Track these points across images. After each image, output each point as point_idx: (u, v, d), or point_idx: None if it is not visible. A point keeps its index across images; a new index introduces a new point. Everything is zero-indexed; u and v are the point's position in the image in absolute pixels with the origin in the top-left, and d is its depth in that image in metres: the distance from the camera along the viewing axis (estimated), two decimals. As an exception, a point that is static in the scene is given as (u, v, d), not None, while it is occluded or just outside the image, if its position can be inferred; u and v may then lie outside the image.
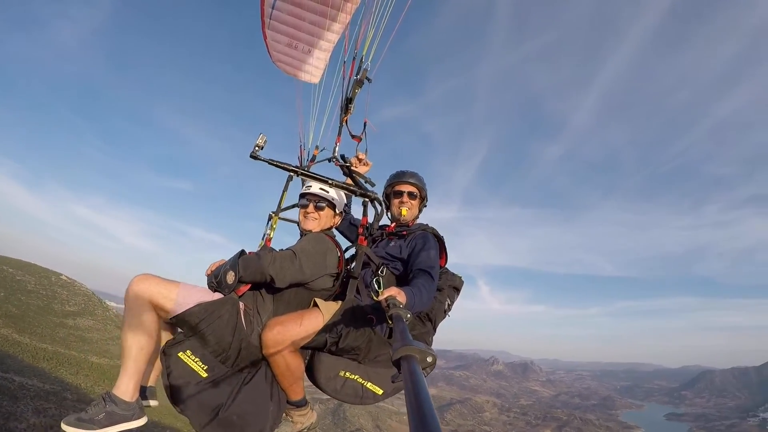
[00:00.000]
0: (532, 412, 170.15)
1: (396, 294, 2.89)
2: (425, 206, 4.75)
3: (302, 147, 5.19)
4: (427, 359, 1.59)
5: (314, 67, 5.74)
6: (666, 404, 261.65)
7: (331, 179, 4.02)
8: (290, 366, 3.56)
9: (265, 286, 3.73)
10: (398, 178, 4.61)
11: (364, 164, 4.84)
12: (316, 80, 5.76)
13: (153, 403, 3.81)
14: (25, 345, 18.31)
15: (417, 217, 4.67)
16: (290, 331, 3.50)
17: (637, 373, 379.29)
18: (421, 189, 4.62)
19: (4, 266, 30.63)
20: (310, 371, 3.81)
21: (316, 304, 3.76)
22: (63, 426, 3.08)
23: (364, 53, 4.56)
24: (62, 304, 30.16)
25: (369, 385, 3.75)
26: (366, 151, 4.81)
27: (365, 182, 4.13)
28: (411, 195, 4.56)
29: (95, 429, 3.11)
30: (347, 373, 3.70)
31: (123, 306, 3.49)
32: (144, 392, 3.71)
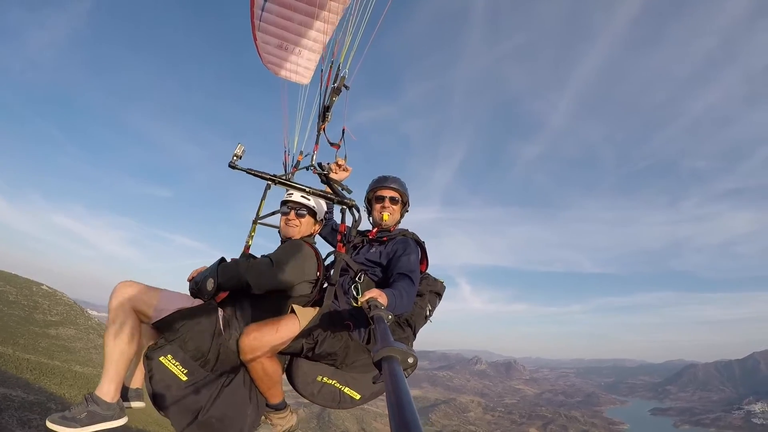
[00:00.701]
0: (517, 410, 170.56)
1: (377, 296, 2.92)
2: (407, 211, 4.76)
3: (287, 152, 5.13)
4: (408, 360, 1.62)
5: (304, 68, 5.79)
6: (650, 399, 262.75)
7: (309, 187, 4.14)
8: (267, 371, 3.65)
9: (243, 292, 3.77)
10: (380, 183, 4.62)
11: (344, 170, 4.84)
12: (306, 81, 5.80)
13: (137, 404, 3.97)
14: (7, 356, 18.15)
15: (399, 222, 4.68)
16: (266, 337, 3.58)
17: (621, 369, 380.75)
18: (403, 194, 4.63)
19: (-9, 281, 30.41)
20: (290, 375, 3.92)
21: (293, 311, 3.82)
22: (48, 423, 3.25)
23: (341, 61, 4.67)
24: (44, 314, 29.93)
25: (346, 389, 3.81)
26: (345, 157, 4.85)
27: (342, 189, 4.23)
28: (393, 200, 4.56)
29: (77, 427, 3.27)
30: (324, 378, 3.78)
31: (105, 315, 3.69)
32: (128, 394, 3.90)
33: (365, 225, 4.62)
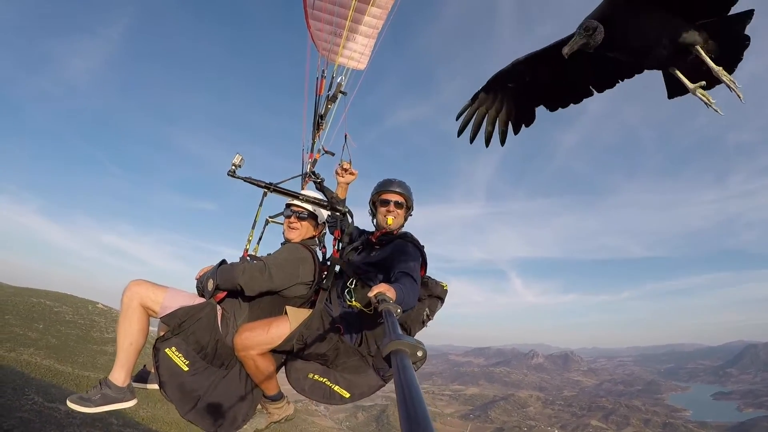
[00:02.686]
0: (577, 403, 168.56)
1: (386, 290, 2.91)
2: (411, 215, 4.74)
3: (304, 150, 5.31)
4: (418, 353, 1.55)
5: (359, 54, 5.70)
6: (712, 384, 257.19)
7: (302, 194, 4.46)
8: (259, 367, 3.93)
9: (240, 293, 4.05)
10: (385, 186, 4.61)
11: (350, 173, 4.92)
12: (362, 66, 5.74)
13: (152, 386, 4.31)
14: (67, 374, 18.38)
15: (402, 225, 4.66)
16: (257, 337, 3.88)
17: (679, 354, 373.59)
18: (408, 198, 4.60)
19: (42, 299, 30.91)
20: (286, 371, 4.18)
21: (287, 312, 4.08)
22: (68, 402, 3.75)
23: (335, 69, 4.94)
24: (101, 332, 30.31)
25: (336, 388, 4.01)
26: (350, 161, 4.93)
27: (333, 199, 4.44)
28: (397, 204, 4.53)
29: (92, 407, 3.76)
30: (316, 376, 4.01)
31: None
32: (149, 377, 4.34)
33: (367, 225, 4.80)
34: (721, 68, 3.10)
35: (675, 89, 3.56)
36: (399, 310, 2.40)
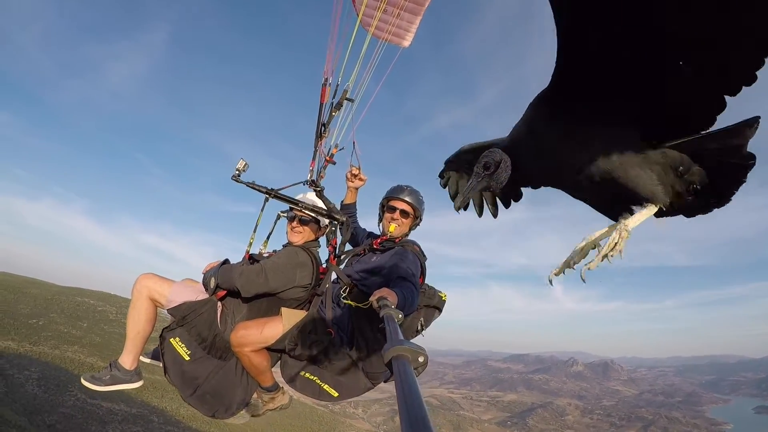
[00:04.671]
0: (616, 412, 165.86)
1: (387, 294, 2.93)
2: (418, 225, 4.77)
3: (318, 154, 5.10)
4: (419, 359, 1.57)
5: (404, 31, 5.60)
6: (754, 397, 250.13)
7: (302, 201, 4.51)
8: (253, 362, 4.05)
9: (239, 293, 4.19)
10: (395, 193, 4.61)
11: (360, 179, 4.96)
12: (407, 43, 5.68)
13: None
14: None
15: (406, 234, 4.66)
16: (251, 336, 3.99)
17: (721, 366, 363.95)
18: (416, 209, 4.60)
19: (87, 298, 31.44)
20: (281, 364, 4.28)
21: (281, 313, 4.18)
22: (81, 380, 4.13)
23: (340, 77, 4.77)
24: (143, 331, 30.73)
25: (326, 387, 4.09)
26: (359, 166, 4.92)
27: (330, 208, 4.49)
28: (403, 213, 4.54)
29: (101, 386, 4.08)
30: (307, 374, 4.09)
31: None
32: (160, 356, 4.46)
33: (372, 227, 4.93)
34: (621, 235, 2.41)
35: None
36: (400, 315, 2.39)
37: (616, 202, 2.53)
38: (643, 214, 2.39)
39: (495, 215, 4.14)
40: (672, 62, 1.99)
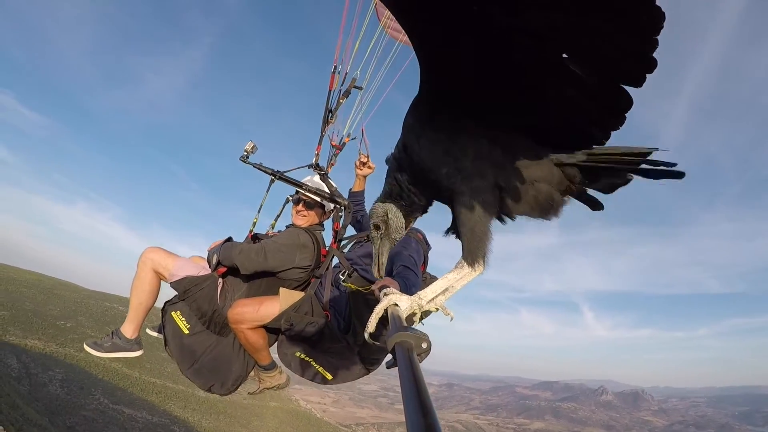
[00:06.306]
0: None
1: (389, 283, 2.80)
2: (422, 214, 4.47)
3: (335, 133, 5.34)
4: (422, 345, 1.51)
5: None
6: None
7: (306, 184, 4.57)
8: (249, 340, 4.11)
9: (239, 270, 4.29)
10: None
11: (368, 167, 5.01)
12: None
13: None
14: (134, 378, 18.68)
15: (411, 222, 4.35)
16: (248, 313, 4.04)
17: (756, 397, 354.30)
18: None
19: (115, 304, 31.63)
20: (278, 344, 4.31)
21: (279, 293, 4.24)
22: (84, 345, 4.27)
23: (349, 66, 4.89)
24: (170, 340, 30.94)
25: (320, 369, 4.14)
26: (368, 154, 4.95)
27: (333, 191, 4.55)
28: None
29: (102, 352, 4.26)
30: (302, 355, 4.13)
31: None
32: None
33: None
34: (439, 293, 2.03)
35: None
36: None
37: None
38: (449, 280, 2.02)
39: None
40: (547, 56, 1.69)
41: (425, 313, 2.03)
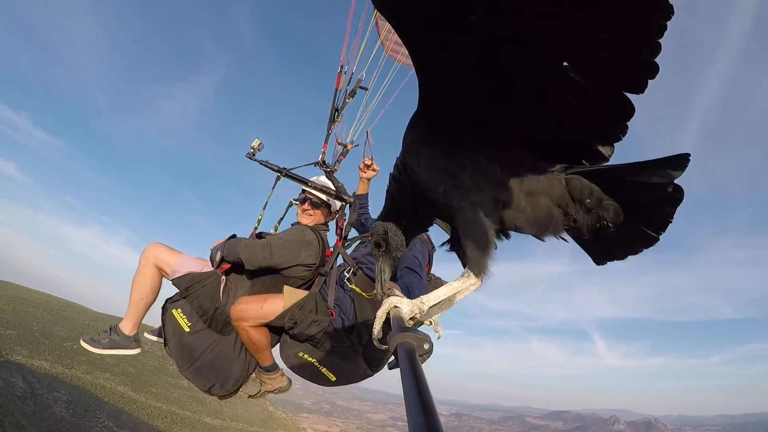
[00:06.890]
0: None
1: (392, 287, 2.78)
2: (422, 233, 4.42)
3: (338, 139, 5.26)
4: (424, 346, 1.58)
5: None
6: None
7: (311, 182, 4.62)
8: (251, 338, 4.04)
9: (243, 266, 4.24)
10: None
11: (372, 170, 5.00)
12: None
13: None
14: (140, 403, 18.58)
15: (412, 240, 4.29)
16: (251, 311, 3.98)
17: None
18: None
19: (124, 328, 31.77)
20: (280, 345, 4.27)
21: (283, 291, 4.19)
22: (81, 341, 4.23)
23: (355, 66, 4.87)
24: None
25: (324, 370, 4.06)
26: (372, 157, 4.98)
27: (339, 188, 4.54)
28: None
29: (100, 349, 4.20)
30: (305, 355, 4.05)
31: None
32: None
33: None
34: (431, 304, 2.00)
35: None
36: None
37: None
38: (454, 288, 1.96)
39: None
40: (548, 64, 1.64)
41: (417, 323, 2.00)
